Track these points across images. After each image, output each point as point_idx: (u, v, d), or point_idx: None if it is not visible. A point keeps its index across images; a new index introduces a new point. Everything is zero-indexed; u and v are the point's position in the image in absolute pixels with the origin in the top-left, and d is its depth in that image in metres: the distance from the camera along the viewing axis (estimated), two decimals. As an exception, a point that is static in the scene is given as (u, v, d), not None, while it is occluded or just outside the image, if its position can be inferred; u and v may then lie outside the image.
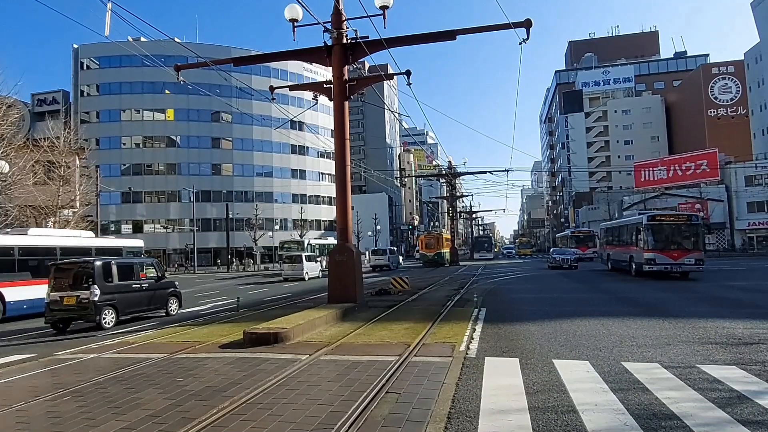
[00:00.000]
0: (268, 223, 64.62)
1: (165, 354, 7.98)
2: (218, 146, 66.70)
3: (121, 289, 12.99)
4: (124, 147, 64.14)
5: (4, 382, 6.82)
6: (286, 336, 8.56)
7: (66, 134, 28.31)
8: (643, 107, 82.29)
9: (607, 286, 19.14)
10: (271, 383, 5.88)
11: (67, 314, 12.31)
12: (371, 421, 4.51)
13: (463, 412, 4.79)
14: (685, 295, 14.76)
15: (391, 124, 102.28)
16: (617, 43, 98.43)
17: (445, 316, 11.05)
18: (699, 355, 6.95)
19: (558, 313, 11.59)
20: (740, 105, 69.07)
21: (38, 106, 63.74)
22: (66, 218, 28.12)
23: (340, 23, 13.30)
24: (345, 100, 13.61)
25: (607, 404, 4.86)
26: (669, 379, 5.74)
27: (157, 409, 5.09)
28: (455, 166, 53.48)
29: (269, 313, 12.52)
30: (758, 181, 53.77)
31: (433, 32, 13.28)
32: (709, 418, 4.46)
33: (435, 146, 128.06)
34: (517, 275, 27.31)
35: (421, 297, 15.92)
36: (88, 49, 63.36)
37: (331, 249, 14.25)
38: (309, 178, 73.13)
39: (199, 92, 48.49)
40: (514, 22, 12.02)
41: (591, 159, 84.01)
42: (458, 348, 7.62)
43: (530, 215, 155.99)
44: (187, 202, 58.61)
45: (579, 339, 8.33)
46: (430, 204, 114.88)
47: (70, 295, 12.23)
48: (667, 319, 10.13)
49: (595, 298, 15.01)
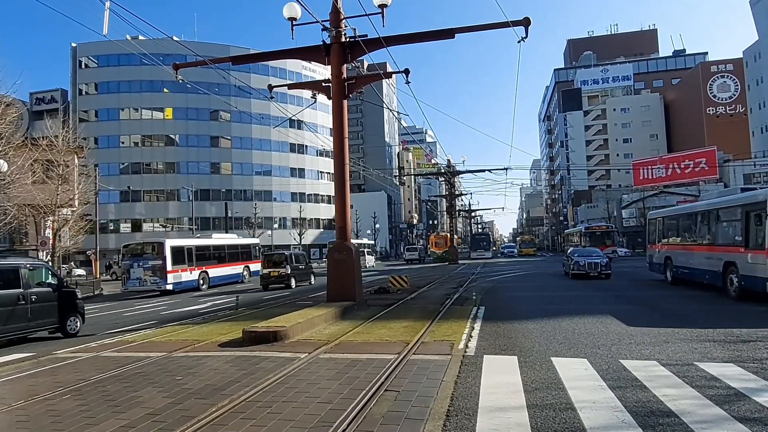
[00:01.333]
0: (267, 222, 64.65)
1: (164, 352, 7.99)
2: (217, 145, 66.64)
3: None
4: (123, 146, 64.07)
5: (3, 380, 6.83)
6: (285, 334, 8.58)
7: (65, 133, 28.21)
8: (642, 105, 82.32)
9: (606, 285, 18.82)
10: (271, 381, 5.89)
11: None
12: (370, 419, 4.52)
13: (462, 409, 4.80)
14: (681, 295, 14.68)
15: (390, 123, 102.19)
16: (616, 42, 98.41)
17: (444, 315, 11.06)
18: (697, 352, 6.97)
19: (556, 310, 11.61)
20: (739, 103, 69.14)
21: (37, 104, 63.62)
22: (65, 217, 28.06)
23: (339, 22, 13.29)
24: (344, 99, 13.61)
25: (605, 402, 4.88)
26: (667, 377, 5.75)
27: (157, 408, 5.09)
28: (454, 164, 53.42)
29: (268, 312, 12.53)
30: (757, 179, 53.83)
31: (431, 31, 13.29)
32: (707, 415, 4.48)
33: (434, 145, 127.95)
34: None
35: (420, 295, 15.93)
36: (87, 47, 63.25)
37: (330, 247, 14.25)
38: (308, 177, 73.09)
39: (198, 91, 48.38)
40: (513, 21, 12.02)
41: (590, 157, 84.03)
42: (457, 346, 7.64)
43: (529, 213, 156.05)
44: (186, 201, 58.52)
45: (578, 337, 8.35)
46: (429, 202, 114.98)
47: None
48: (665, 318, 10.15)
49: (595, 296, 14.86)
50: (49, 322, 11.34)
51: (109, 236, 60.01)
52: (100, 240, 35.83)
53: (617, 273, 22.73)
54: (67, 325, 11.64)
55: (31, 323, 10.90)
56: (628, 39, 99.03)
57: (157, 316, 14.77)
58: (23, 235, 30.45)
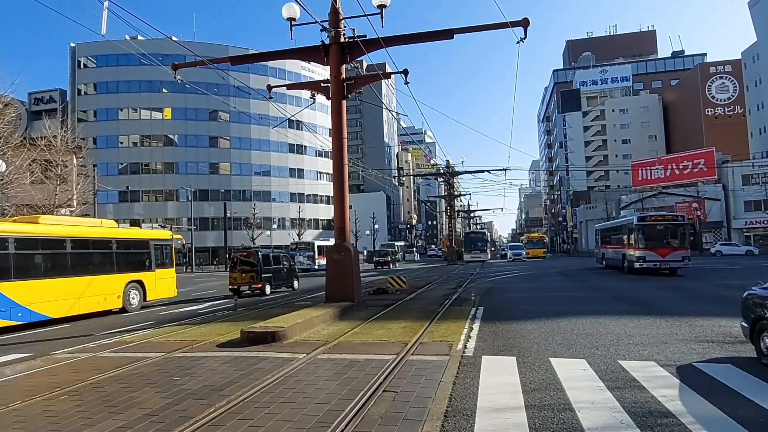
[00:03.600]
0: (266, 222, 64.64)
1: (162, 353, 7.97)
2: (216, 145, 66.63)
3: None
4: (122, 146, 64.04)
5: (1, 381, 6.81)
6: (283, 335, 8.57)
7: (63, 133, 28.22)
8: (641, 106, 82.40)
9: (604, 284, 19.18)
10: (269, 382, 5.89)
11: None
12: (368, 420, 4.51)
13: (460, 410, 4.80)
14: (680, 294, 14.79)
15: (389, 123, 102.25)
16: (615, 43, 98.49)
17: (442, 315, 11.06)
18: (695, 353, 6.98)
19: (555, 311, 11.61)
20: (737, 104, 69.22)
21: (35, 104, 63.62)
22: (63, 217, 28.05)
23: (338, 22, 13.30)
24: (343, 99, 13.61)
25: (604, 402, 4.88)
26: (665, 377, 5.76)
27: (154, 408, 5.08)
28: (453, 165, 53.44)
29: (267, 312, 12.51)
30: (755, 180, 53.88)
31: (430, 31, 13.30)
32: (705, 415, 4.48)
33: (433, 145, 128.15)
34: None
35: (418, 296, 15.93)
36: (86, 47, 63.23)
37: (329, 248, 14.24)
38: (307, 177, 73.11)
39: (197, 91, 48.39)
40: (512, 21, 12.03)
41: (589, 158, 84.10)
42: (455, 347, 7.64)
43: (528, 214, 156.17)
44: (184, 201, 58.51)
45: (576, 337, 8.34)
46: (428, 203, 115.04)
47: None
48: (663, 318, 10.17)
49: (593, 297, 15.03)
50: (288, 282, 21.54)
51: (108, 236, 59.83)
52: (99, 240, 35.61)
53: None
54: (293, 285, 21.87)
55: (282, 282, 21.04)
56: (627, 40, 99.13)
57: (156, 316, 14.74)
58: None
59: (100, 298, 14.75)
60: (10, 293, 12.25)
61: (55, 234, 14.06)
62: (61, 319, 13.57)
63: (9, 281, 12.30)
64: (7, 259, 12.37)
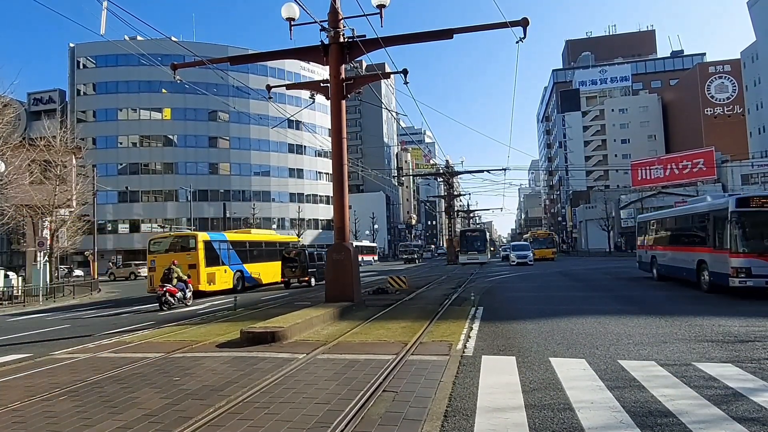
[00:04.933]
0: (265, 223, 64.60)
1: (162, 353, 7.97)
2: (215, 145, 66.61)
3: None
4: (121, 146, 64.00)
5: (0, 381, 6.79)
6: (283, 335, 8.56)
7: (62, 133, 28.12)
8: (640, 106, 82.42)
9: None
10: (268, 382, 5.88)
11: None
12: (368, 420, 4.51)
13: (460, 410, 4.79)
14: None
15: (389, 123, 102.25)
16: (614, 42, 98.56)
17: (442, 315, 11.05)
18: (695, 352, 6.97)
19: (554, 311, 11.60)
20: (736, 104, 69.26)
21: (34, 105, 63.56)
22: (62, 218, 28.01)
23: (337, 22, 13.30)
24: (342, 99, 13.61)
25: (603, 402, 4.87)
26: (665, 377, 5.75)
27: (154, 409, 5.08)
28: (453, 164, 53.40)
29: (266, 312, 12.52)
30: (754, 180, 53.96)
31: (430, 31, 13.30)
32: (705, 415, 4.48)
33: (432, 145, 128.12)
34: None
35: (418, 296, 15.93)
36: (85, 48, 63.20)
37: (329, 248, 14.24)
38: (306, 177, 73.09)
39: (196, 91, 48.37)
40: (511, 21, 12.04)
41: (588, 158, 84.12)
42: (455, 346, 7.63)
43: (527, 214, 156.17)
44: (184, 202, 58.50)
45: (576, 337, 8.34)
46: (427, 203, 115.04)
47: None
48: (663, 317, 10.16)
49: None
50: (305, 277, 23.70)
51: (107, 237, 59.97)
52: (98, 241, 35.76)
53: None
54: (311, 281, 23.86)
55: (300, 275, 23.64)
56: (626, 40, 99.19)
57: (156, 317, 14.74)
58: (21, 236, 30.35)
59: (276, 275, 25.15)
60: (248, 270, 24.28)
61: (257, 239, 26.76)
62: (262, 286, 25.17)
63: (247, 264, 24.20)
64: (245, 253, 24.39)
